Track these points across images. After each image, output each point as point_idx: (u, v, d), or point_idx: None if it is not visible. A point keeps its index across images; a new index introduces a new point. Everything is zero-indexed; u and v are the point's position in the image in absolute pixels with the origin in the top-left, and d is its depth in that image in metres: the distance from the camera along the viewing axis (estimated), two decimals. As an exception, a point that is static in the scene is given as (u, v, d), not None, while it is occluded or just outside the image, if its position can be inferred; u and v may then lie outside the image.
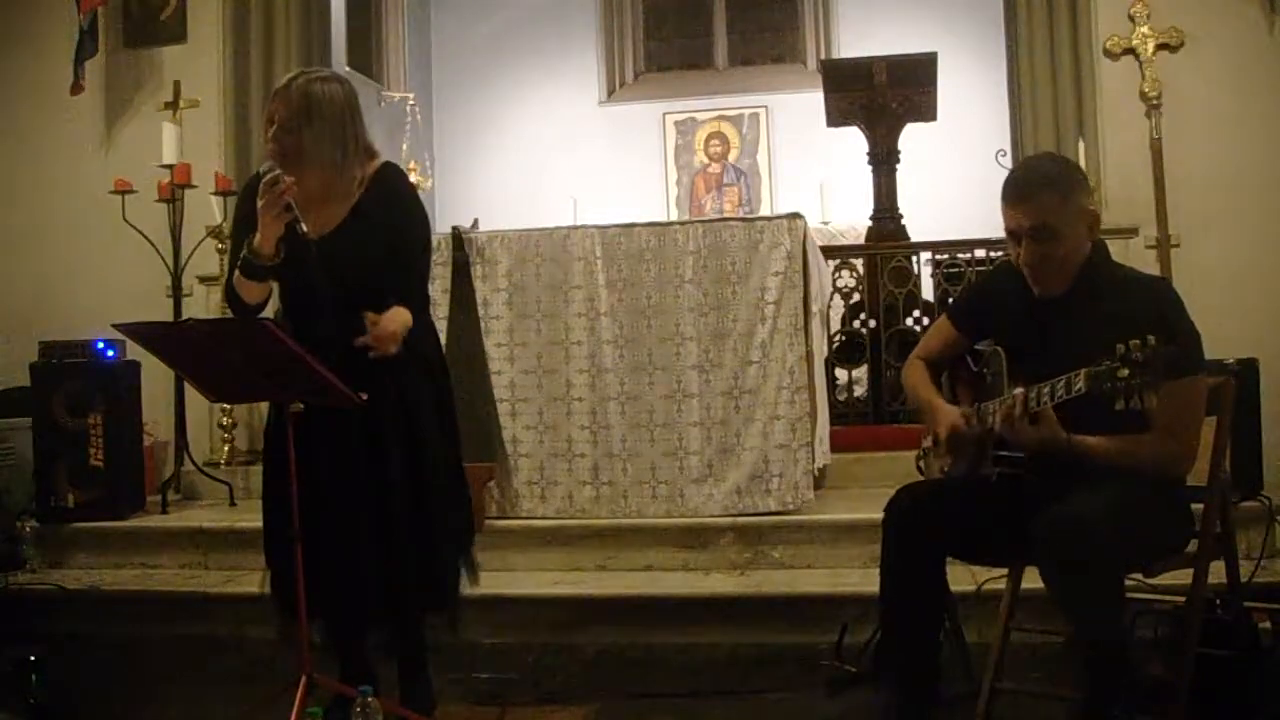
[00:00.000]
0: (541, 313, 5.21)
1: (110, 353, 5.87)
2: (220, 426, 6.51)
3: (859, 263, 6.51)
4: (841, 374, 6.36)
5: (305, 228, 3.18)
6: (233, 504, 6.05)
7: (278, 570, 3.39)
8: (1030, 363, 2.94)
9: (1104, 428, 2.81)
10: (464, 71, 11.47)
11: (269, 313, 3.45)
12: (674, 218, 10.74)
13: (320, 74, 3.40)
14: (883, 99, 6.77)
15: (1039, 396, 2.80)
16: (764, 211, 10.73)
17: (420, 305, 3.45)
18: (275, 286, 3.43)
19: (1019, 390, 2.85)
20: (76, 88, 6.89)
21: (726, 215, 10.52)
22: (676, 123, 11.37)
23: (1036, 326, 3.01)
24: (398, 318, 3.25)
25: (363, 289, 3.26)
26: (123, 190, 6.24)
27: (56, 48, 7.04)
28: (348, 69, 10.00)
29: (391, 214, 3.37)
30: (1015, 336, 3.06)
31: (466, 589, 3.59)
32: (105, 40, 7.09)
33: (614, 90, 11.65)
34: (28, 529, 5.57)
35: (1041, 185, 2.94)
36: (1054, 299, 2.99)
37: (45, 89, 7.16)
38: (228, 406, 6.40)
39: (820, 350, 5.55)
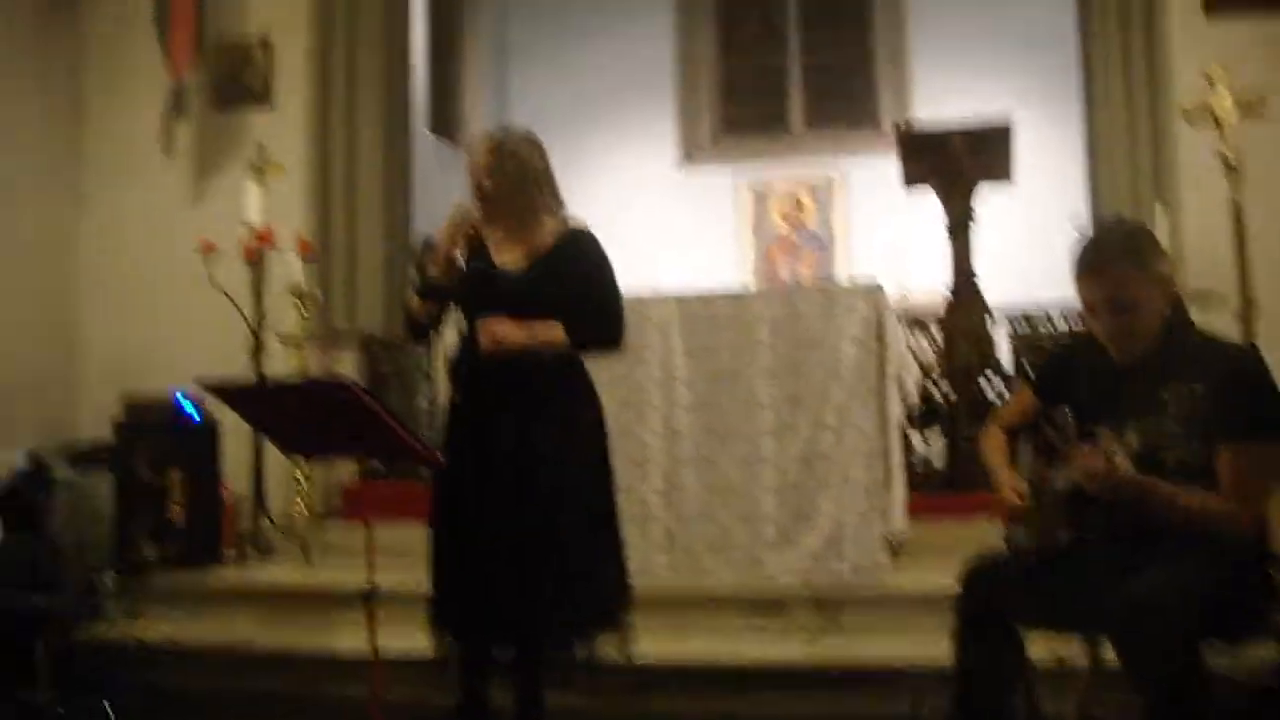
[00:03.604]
0: (615, 376, 5.20)
1: (192, 411, 5.97)
2: (296, 481, 6.57)
3: (935, 329, 6.46)
4: (918, 441, 6.30)
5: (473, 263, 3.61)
6: (308, 561, 6.09)
7: (440, 590, 3.60)
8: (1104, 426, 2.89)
9: None
10: (541, 135, 11.54)
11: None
12: (749, 282, 10.74)
13: (513, 132, 3.79)
14: (958, 167, 6.74)
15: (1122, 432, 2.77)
16: (839, 276, 10.71)
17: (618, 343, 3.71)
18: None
19: (1105, 429, 2.81)
20: (167, 148, 7.08)
21: (803, 283, 10.53)
22: (752, 188, 11.38)
23: (1115, 395, 2.96)
24: (510, 325, 3.49)
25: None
26: (207, 250, 6.37)
27: (149, 109, 7.25)
28: (429, 134, 10.16)
29: (582, 265, 3.63)
30: (1093, 406, 3.02)
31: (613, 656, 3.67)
32: (195, 102, 7.28)
33: (691, 154, 11.70)
34: (107, 581, 5.65)
35: (1116, 255, 2.88)
36: (1134, 365, 2.94)
37: (137, 149, 7.37)
38: (305, 464, 6.47)
39: (896, 417, 5.51)
